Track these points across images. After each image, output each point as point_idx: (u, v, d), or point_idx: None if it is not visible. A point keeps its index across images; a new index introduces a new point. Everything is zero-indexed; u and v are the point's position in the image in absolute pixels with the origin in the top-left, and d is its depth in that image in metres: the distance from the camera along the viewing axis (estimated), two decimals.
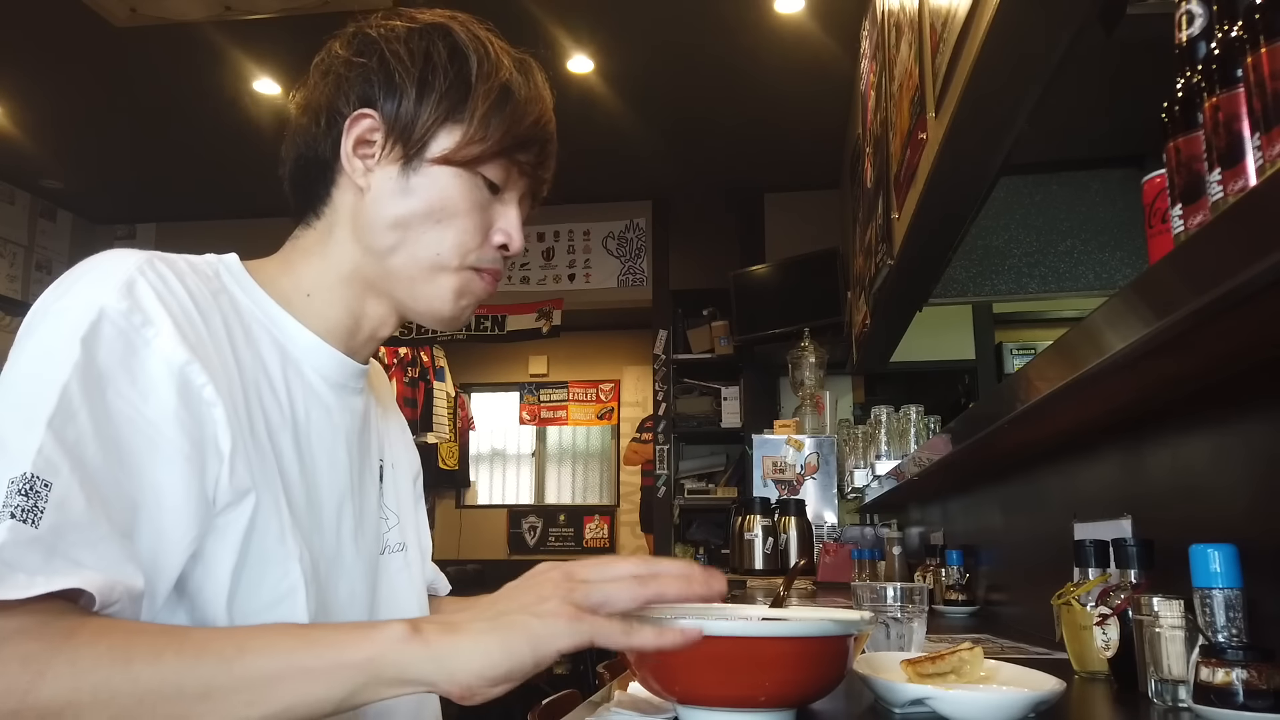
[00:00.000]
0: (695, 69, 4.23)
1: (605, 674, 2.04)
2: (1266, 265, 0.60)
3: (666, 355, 5.52)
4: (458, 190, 0.86)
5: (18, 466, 0.62)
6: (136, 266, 0.75)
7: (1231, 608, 0.82)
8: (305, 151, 0.90)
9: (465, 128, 0.85)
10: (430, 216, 0.85)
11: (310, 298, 0.88)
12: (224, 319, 0.80)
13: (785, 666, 0.69)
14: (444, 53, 0.86)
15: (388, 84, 0.85)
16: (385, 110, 0.85)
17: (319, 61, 0.91)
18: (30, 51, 4.09)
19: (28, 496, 0.61)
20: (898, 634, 1.13)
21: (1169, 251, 0.77)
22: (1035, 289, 3.09)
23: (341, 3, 3.62)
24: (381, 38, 0.87)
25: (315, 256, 0.90)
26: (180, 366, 0.73)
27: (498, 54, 0.88)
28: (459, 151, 0.85)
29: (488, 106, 0.85)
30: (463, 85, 0.85)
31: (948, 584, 2.12)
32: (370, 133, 0.86)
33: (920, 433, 3.40)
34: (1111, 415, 1.25)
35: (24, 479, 0.62)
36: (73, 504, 0.63)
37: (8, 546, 0.59)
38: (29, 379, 0.68)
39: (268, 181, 0.90)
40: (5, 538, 0.59)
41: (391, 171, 0.86)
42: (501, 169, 0.88)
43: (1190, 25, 0.78)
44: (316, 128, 0.88)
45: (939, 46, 1.92)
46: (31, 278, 5.79)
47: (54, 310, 0.71)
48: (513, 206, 0.90)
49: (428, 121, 0.85)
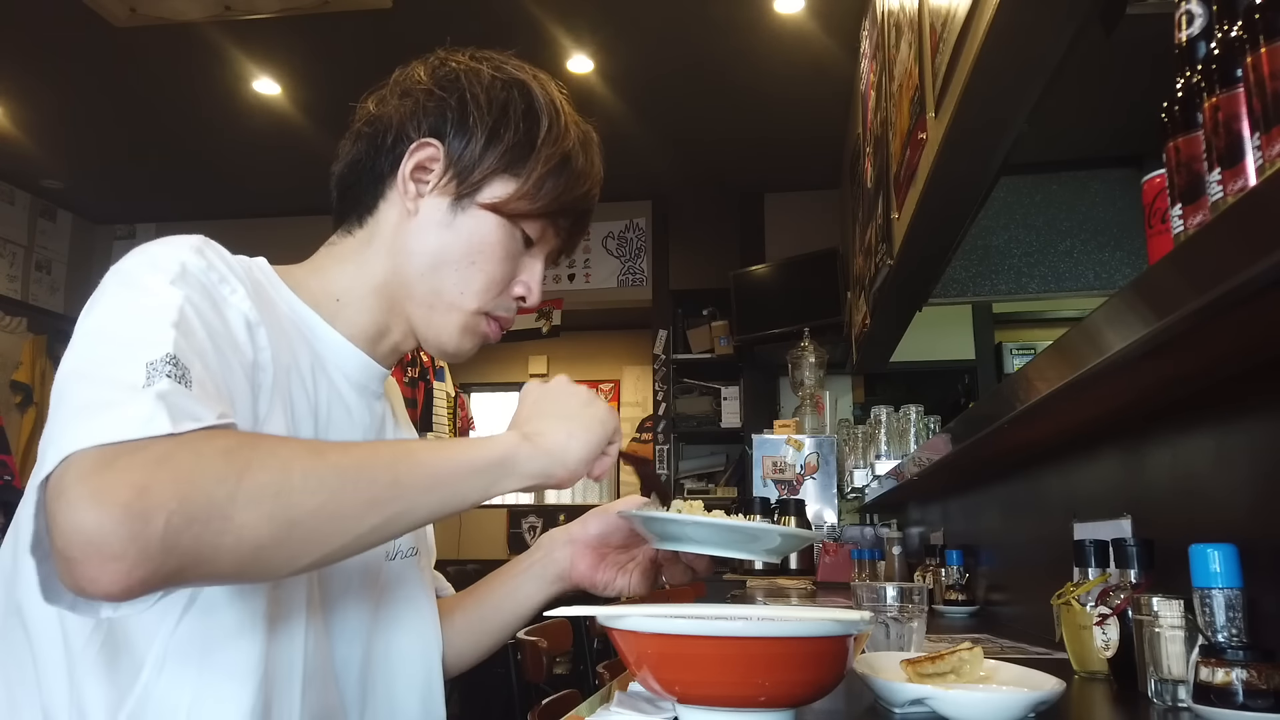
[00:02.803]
0: (695, 69, 4.24)
1: (605, 674, 2.04)
2: (1266, 265, 0.60)
3: (666, 355, 5.52)
4: (496, 237, 0.90)
5: (160, 349, 0.66)
6: (198, 240, 0.79)
7: (1231, 608, 0.82)
8: (364, 160, 0.92)
9: (520, 183, 0.89)
10: (466, 256, 0.89)
11: (340, 303, 0.91)
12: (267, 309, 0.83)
13: (785, 666, 0.69)
14: (520, 109, 0.90)
15: (461, 123, 0.89)
16: (452, 146, 0.89)
17: (400, 79, 0.93)
18: (30, 51, 4.09)
19: (175, 367, 0.65)
20: (897, 634, 1.13)
21: (1169, 251, 0.77)
22: (1035, 289, 3.09)
23: (341, 3, 3.63)
24: (465, 77, 0.91)
25: (350, 264, 0.92)
26: (254, 325, 0.78)
27: (567, 122, 0.92)
28: (509, 203, 0.89)
29: (546, 170, 0.89)
30: (529, 144, 0.89)
31: (947, 584, 2.11)
32: (430, 161, 0.89)
33: (920, 433, 3.40)
34: (1111, 415, 1.25)
35: (168, 357, 0.66)
36: (208, 386, 0.68)
37: (171, 394, 0.63)
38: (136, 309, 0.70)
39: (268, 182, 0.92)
40: (168, 388, 0.64)
41: (441, 204, 0.89)
42: (540, 227, 0.92)
43: (1190, 25, 0.78)
44: (382, 142, 0.91)
45: (939, 46, 1.92)
46: (31, 278, 5.79)
47: (136, 268, 0.74)
48: (539, 261, 0.94)
49: (487, 168, 0.88)
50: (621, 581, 1.00)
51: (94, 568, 0.56)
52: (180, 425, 0.61)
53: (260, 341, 0.78)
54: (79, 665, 0.73)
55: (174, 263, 0.74)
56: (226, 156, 5.17)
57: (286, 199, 5.49)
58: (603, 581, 1.00)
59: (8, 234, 5.62)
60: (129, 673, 0.73)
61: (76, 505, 0.56)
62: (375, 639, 0.92)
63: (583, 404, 0.82)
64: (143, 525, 0.56)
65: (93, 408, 0.61)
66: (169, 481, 0.58)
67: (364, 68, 0.99)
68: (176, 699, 0.73)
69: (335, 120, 0.99)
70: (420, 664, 0.97)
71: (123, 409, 0.61)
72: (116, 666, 0.73)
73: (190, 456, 0.60)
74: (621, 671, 1.34)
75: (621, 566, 1.01)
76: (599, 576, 1.01)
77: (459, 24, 3.74)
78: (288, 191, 5.36)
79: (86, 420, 0.60)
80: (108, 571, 0.56)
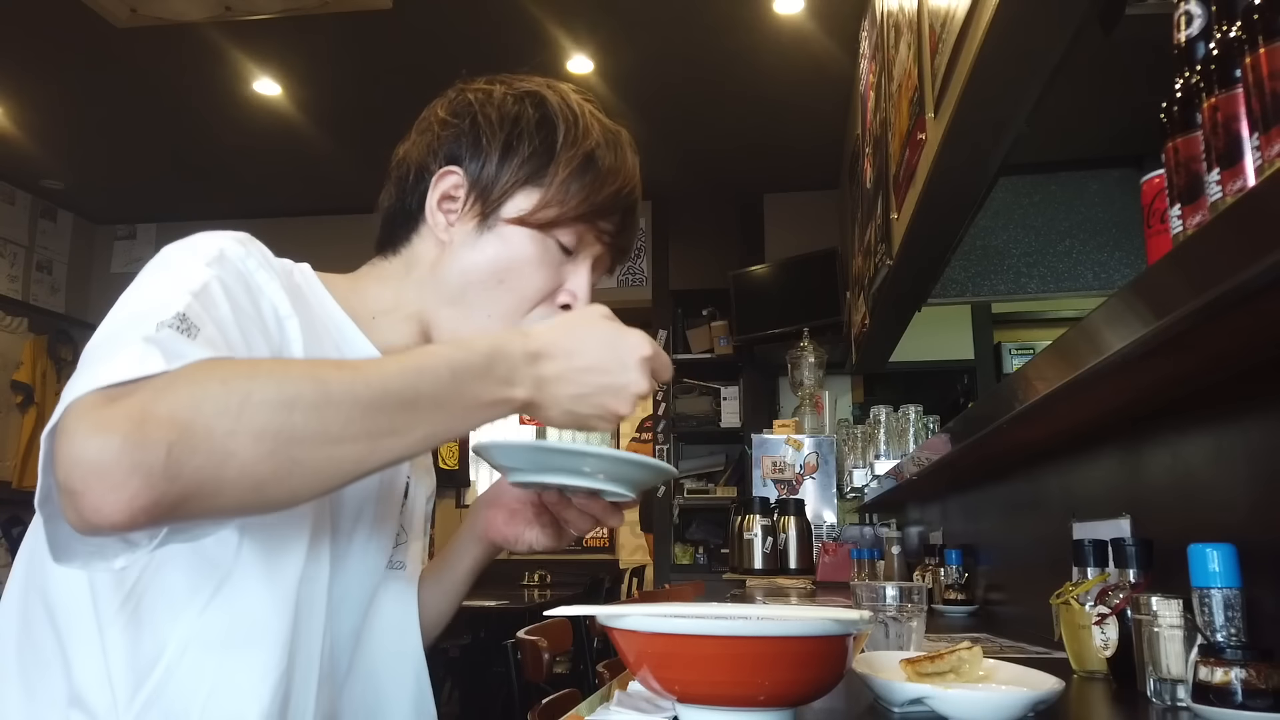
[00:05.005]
0: (695, 69, 4.24)
1: (605, 673, 2.04)
2: (1265, 265, 0.60)
3: (666, 355, 5.51)
4: (527, 253, 0.89)
5: (172, 309, 0.66)
6: (243, 235, 0.81)
7: (1230, 607, 0.82)
8: (395, 202, 0.93)
9: (544, 192, 0.88)
10: (494, 276, 0.89)
11: (375, 320, 0.91)
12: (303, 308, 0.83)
13: (784, 665, 0.69)
14: (533, 119, 0.89)
15: (474, 145, 0.89)
16: (470, 169, 0.89)
17: (420, 120, 0.95)
18: (31, 52, 4.09)
19: (183, 322, 0.66)
20: (897, 633, 1.13)
21: (1168, 251, 0.77)
22: (1034, 289, 3.10)
23: (342, 3, 3.63)
24: (478, 101, 0.91)
25: (388, 289, 0.93)
26: (284, 317, 0.79)
27: (588, 123, 0.91)
28: (534, 214, 0.88)
29: (568, 173, 0.88)
30: (547, 151, 0.89)
31: (947, 583, 2.12)
32: (454, 189, 0.90)
33: (919, 432, 3.40)
34: (1110, 415, 1.25)
35: (178, 315, 0.66)
36: (218, 343, 0.67)
37: (169, 339, 0.64)
38: (161, 283, 0.71)
39: (268, 182, 0.91)
40: (168, 335, 0.64)
41: (469, 227, 0.89)
42: (575, 233, 0.90)
43: (1189, 26, 0.78)
44: (407, 181, 0.92)
45: (938, 47, 1.92)
46: (32, 278, 5.79)
47: (174, 251, 0.75)
48: (584, 269, 0.93)
49: (507, 183, 0.88)
50: (529, 535, 0.98)
51: (97, 496, 0.56)
52: (174, 362, 0.61)
53: (290, 334, 0.79)
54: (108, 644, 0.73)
55: (213, 248, 0.76)
56: (227, 157, 5.17)
57: (288, 199, 5.49)
58: (513, 536, 0.99)
59: (9, 234, 5.62)
60: (149, 657, 0.73)
61: (76, 438, 0.56)
62: (362, 647, 0.93)
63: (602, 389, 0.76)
64: (144, 454, 0.56)
65: (96, 361, 0.62)
66: (168, 412, 0.58)
67: (365, 68, 0.99)
68: (194, 688, 0.73)
69: (336, 121, 0.99)
70: (410, 671, 0.98)
71: (120, 355, 0.61)
72: (138, 650, 0.73)
73: (187, 386, 0.60)
74: (621, 671, 1.34)
75: (529, 521, 0.99)
76: (508, 532, 0.99)
77: (459, 24, 3.74)
78: (289, 192, 5.36)
79: (89, 372, 0.60)
80: (109, 500, 0.56)
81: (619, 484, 0.82)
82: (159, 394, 0.59)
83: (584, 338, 0.76)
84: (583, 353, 0.75)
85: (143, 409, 0.58)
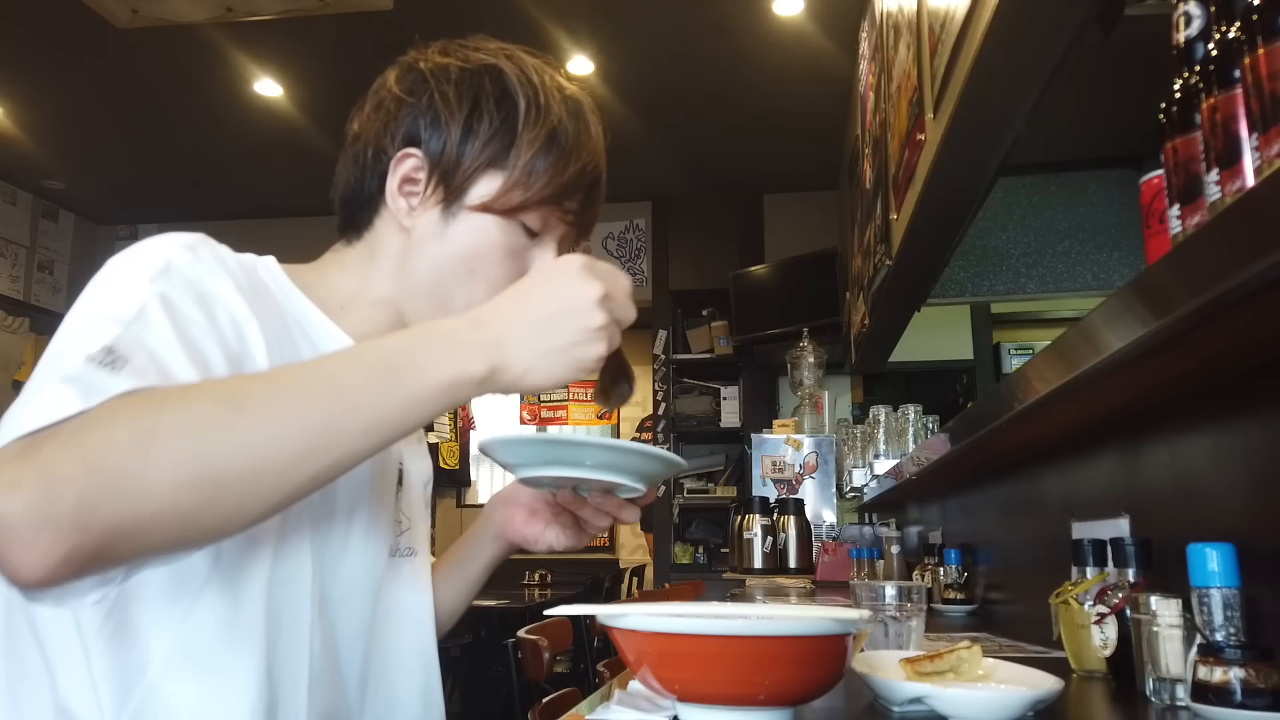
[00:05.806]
0: (695, 70, 4.24)
1: (605, 672, 2.04)
2: (1264, 265, 0.60)
3: (666, 355, 5.52)
4: (493, 239, 0.86)
5: (98, 342, 0.64)
6: (194, 238, 0.78)
7: (1229, 607, 0.82)
8: (352, 180, 0.91)
9: (508, 175, 0.85)
10: (465, 266, 0.86)
11: (344, 310, 0.89)
12: (265, 307, 0.81)
13: (784, 664, 0.69)
14: (493, 96, 0.86)
15: (433, 125, 0.85)
16: (430, 151, 0.86)
17: (373, 91, 0.91)
18: (32, 53, 4.09)
19: (109, 355, 0.63)
20: (896, 632, 1.13)
21: (1167, 252, 0.77)
22: (1033, 289, 3.10)
23: (341, 4, 3.63)
24: (433, 76, 0.87)
25: (354, 275, 0.91)
26: (242, 322, 0.76)
27: (548, 96, 0.87)
28: (499, 200, 0.85)
29: (532, 155, 0.85)
30: (508, 131, 0.85)
31: (946, 583, 2.12)
32: (415, 171, 0.86)
33: (918, 432, 3.40)
34: (1109, 415, 1.25)
35: (104, 350, 0.63)
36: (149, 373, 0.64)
37: (86, 375, 0.61)
38: (96, 308, 0.69)
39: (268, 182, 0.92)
40: (88, 371, 0.61)
41: (433, 215, 0.86)
42: (540, 216, 0.87)
43: (1188, 26, 0.78)
44: (364, 159, 0.89)
45: (937, 48, 1.92)
46: (33, 278, 5.79)
47: (117, 266, 0.74)
48: (550, 249, 0.90)
49: (469, 166, 0.85)
50: (549, 535, 0.97)
51: (12, 557, 0.55)
52: (91, 400, 0.59)
53: (250, 338, 0.76)
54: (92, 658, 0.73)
55: (158, 260, 0.73)
56: (228, 157, 5.17)
57: (288, 199, 5.49)
58: (533, 536, 0.98)
59: (10, 234, 5.62)
60: (134, 669, 0.73)
61: None
62: (375, 638, 0.93)
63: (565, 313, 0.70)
64: (49, 507, 0.55)
65: (19, 405, 0.61)
66: (74, 458, 0.56)
67: (365, 68, 0.99)
68: (180, 701, 0.73)
69: (337, 121, 0.99)
70: (419, 662, 0.97)
71: (37, 399, 0.60)
72: (123, 662, 0.73)
73: (94, 429, 0.58)
74: (621, 670, 1.34)
75: (549, 521, 0.98)
76: (528, 531, 0.99)
77: (459, 25, 3.73)
78: (289, 192, 5.36)
79: (11, 419, 0.59)
80: (25, 560, 0.55)
81: (627, 475, 0.82)
82: (68, 440, 0.57)
83: (529, 289, 0.72)
84: (530, 302, 0.71)
85: (49, 460, 0.56)
